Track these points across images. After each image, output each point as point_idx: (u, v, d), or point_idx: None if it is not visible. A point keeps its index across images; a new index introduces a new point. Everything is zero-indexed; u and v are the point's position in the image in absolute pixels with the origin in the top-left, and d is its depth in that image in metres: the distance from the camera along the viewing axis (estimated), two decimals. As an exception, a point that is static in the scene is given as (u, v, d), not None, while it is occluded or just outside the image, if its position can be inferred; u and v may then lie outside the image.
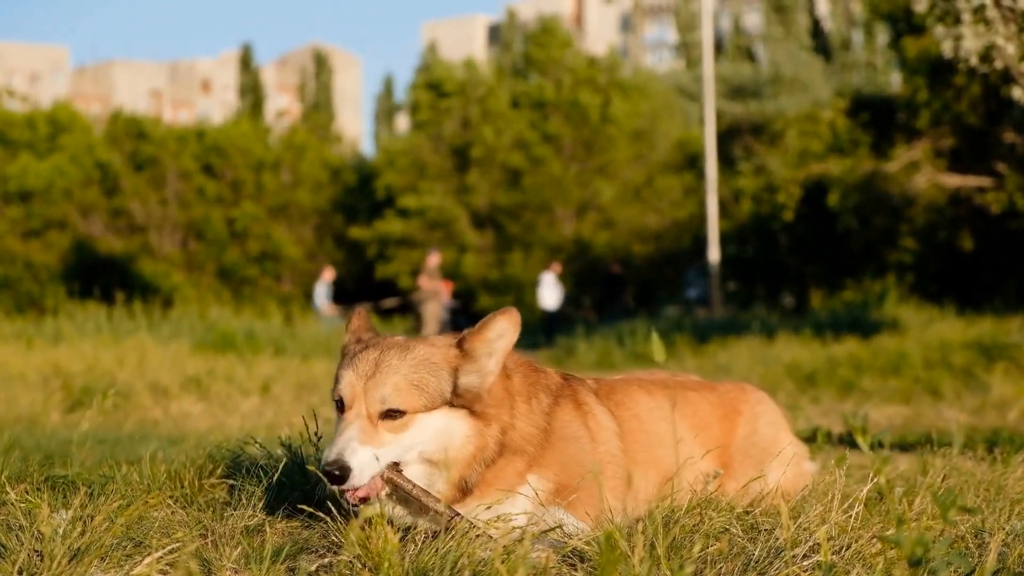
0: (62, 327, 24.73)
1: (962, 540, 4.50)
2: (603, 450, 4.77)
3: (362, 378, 4.30)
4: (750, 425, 5.49)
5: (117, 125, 57.99)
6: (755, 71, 63.55)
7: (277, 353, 22.67)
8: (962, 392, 15.80)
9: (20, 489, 5.09)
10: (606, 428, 4.86)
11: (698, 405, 5.41)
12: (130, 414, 14.20)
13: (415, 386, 4.30)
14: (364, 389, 4.28)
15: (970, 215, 35.41)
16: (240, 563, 4.13)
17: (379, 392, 4.26)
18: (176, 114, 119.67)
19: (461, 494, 4.42)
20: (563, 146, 52.94)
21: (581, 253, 50.18)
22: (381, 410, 4.26)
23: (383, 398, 4.26)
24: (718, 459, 5.30)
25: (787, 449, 5.45)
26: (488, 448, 4.43)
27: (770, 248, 43.31)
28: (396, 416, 4.27)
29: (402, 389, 4.27)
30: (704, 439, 5.26)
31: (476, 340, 4.44)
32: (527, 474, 4.52)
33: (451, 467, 4.37)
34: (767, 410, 5.63)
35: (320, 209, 58.91)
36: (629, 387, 5.25)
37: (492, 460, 4.45)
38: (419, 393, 4.30)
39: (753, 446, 5.42)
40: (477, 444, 4.41)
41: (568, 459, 4.61)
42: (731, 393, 5.64)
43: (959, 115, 33.97)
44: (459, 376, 4.40)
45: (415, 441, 4.32)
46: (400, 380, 4.28)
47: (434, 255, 33.26)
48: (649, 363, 19.33)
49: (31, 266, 51.27)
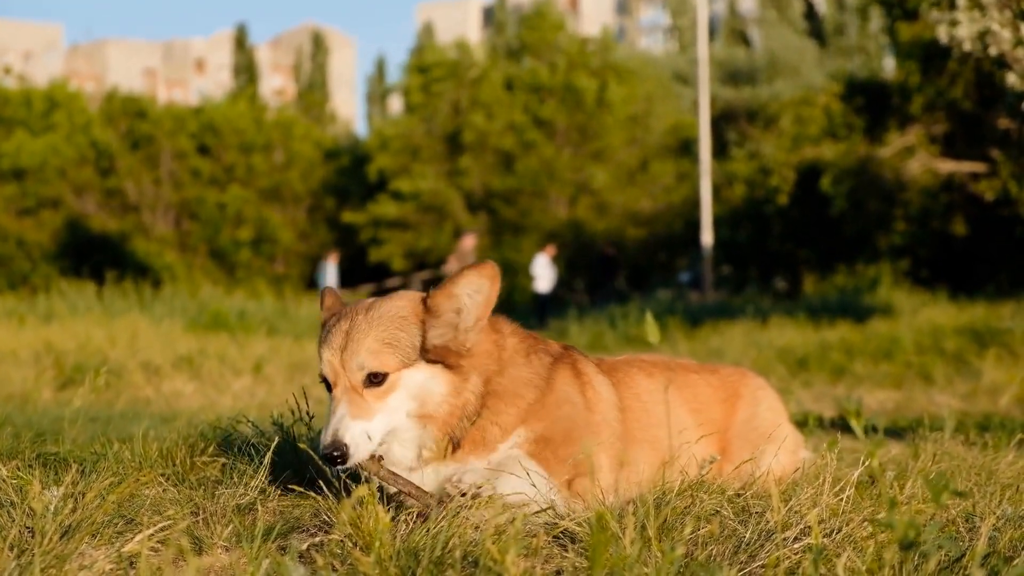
0: (54, 305, 24.74)
1: (953, 524, 4.51)
2: (598, 419, 4.77)
3: (337, 352, 4.32)
4: (750, 409, 5.50)
5: (113, 104, 57.84)
6: (749, 55, 63.52)
7: (270, 333, 22.68)
8: (954, 377, 15.83)
9: (12, 466, 5.09)
10: (605, 400, 4.87)
11: (699, 387, 5.41)
12: (122, 392, 14.21)
13: (387, 344, 4.31)
14: (342, 363, 4.30)
15: (963, 201, 35.40)
16: (231, 541, 4.13)
17: (355, 361, 4.28)
18: (170, 93, 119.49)
19: (452, 448, 4.45)
20: (557, 130, 52.88)
21: (575, 237, 50.14)
22: (362, 378, 4.28)
23: (360, 365, 4.28)
24: (717, 442, 5.31)
25: (787, 436, 5.46)
26: (469, 403, 4.44)
27: (763, 232, 43.27)
28: (379, 381, 4.29)
29: (375, 351, 4.29)
30: (703, 422, 5.27)
31: (439, 296, 4.42)
32: (514, 429, 4.54)
33: (434, 423, 4.40)
34: (768, 396, 5.64)
35: (313, 191, 58.82)
36: (630, 367, 5.24)
37: (475, 413, 4.47)
38: (392, 351, 4.31)
39: (753, 431, 5.42)
40: (454, 401, 4.41)
41: (559, 417, 4.61)
42: (732, 377, 5.64)
43: (953, 101, 33.95)
44: (427, 331, 4.38)
45: (401, 402, 4.34)
46: (371, 343, 4.30)
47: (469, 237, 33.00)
48: (642, 345, 19.36)
49: (23, 244, 51.16)
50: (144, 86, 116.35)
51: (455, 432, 4.43)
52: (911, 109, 35.09)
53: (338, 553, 3.91)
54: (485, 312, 4.47)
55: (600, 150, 52.57)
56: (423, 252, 53.08)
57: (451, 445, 4.45)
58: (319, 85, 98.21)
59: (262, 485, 4.81)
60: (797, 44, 63.07)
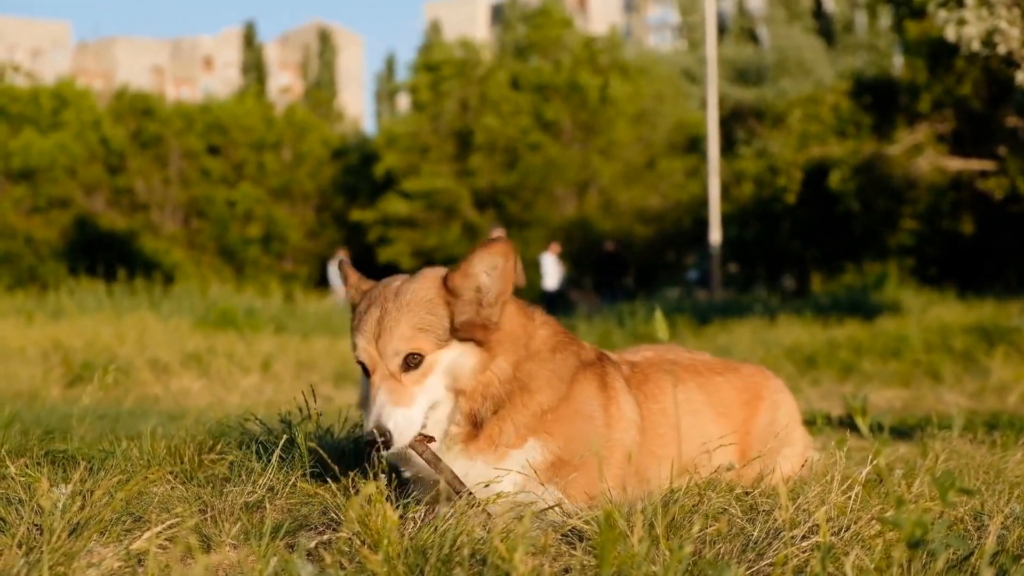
0: (63, 302, 24.74)
1: (961, 523, 4.50)
2: (616, 438, 4.74)
3: (372, 340, 4.37)
4: (771, 413, 5.49)
5: (122, 102, 57.87)
6: (758, 53, 63.47)
7: (278, 331, 22.65)
8: (962, 376, 15.81)
9: (20, 463, 5.10)
10: (627, 418, 4.84)
11: (723, 391, 5.40)
12: (130, 390, 14.22)
13: (420, 329, 4.36)
14: (378, 351, 4.35)
15: (971, 199, 35.41)
16: (239, 539, 4.13)
17: (390, 348, 4.33)
18: (178, 91, 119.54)
19: (474, 428, 4.48)
20: (563, 128, 52.85)
21: (582, 234, 50.10)
22: (399, 363, 4.33)
23: (396, 351, 4.33)
24: (738, 446, 5.31)
25: (799, 440, 5.47)
26: (493, 384, 4.48)
27: (771, 230, 43.27)
28: (415, 364, 4.34)
29: (409, 337, 4.34)
30: (728, 427, 5.28)
31: (457, 277, 4.46)
32: (529, 437, 4.54)
33: (463, 397, 4.44)
34: (786, 399, 5.65)
35: (321, 189, 58.84)
36: (660, 376, 5.20)
37: (502, 399, 4.50)
38: (426, 334, 4.36)
39: (772, 435, 5.41)
40: (480, 377, 4.46)
41: (575, 435, 4.60)
42: (754, 377, 5.64)
43: (961, 99, 33.96)
44: (453, 310, 4.43)
45: (438, 381, 4.40)
46: (404, 329, 4.34)
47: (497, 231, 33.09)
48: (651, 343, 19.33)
49: (32, 241, 51.22)
50: (152, 84, 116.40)
51: (480, 411, 4.46)
52: (919, 107, 35.09)
53: (346, 551, 3.91)
54: (505, 288, 4.49)
55: (606, 147, 52.54)
56: (431, 250, 53.06)
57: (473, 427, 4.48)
58: (327, 83, 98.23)
59: (270, 483, 4.81)
60: (806, 42, 63.02)
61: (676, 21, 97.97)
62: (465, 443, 4.49)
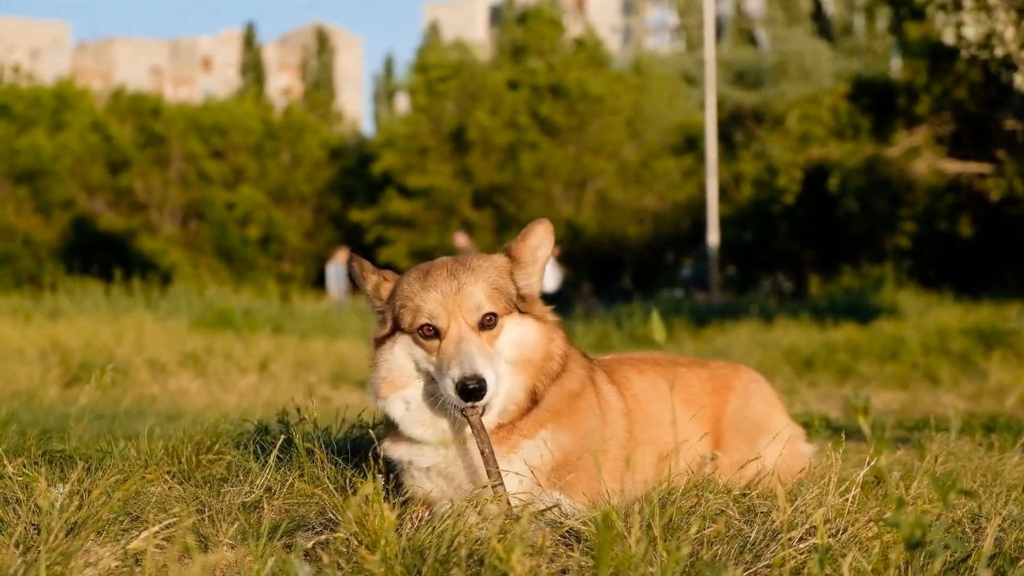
0: (61, 303, 24.74)
1: (959, 524, 4.51)
2: (610, 431, 4.80)
3: (451, 294, 4.41)
4: (742, 400, 5.53)
5: (120, 101, 57.86)
6: (757, 55, 63.46)
7: (275, 331, 22.65)
8: (960, 378, 15.82)
9: (18, 463, 5.10)
10: (614, 408, 4.93)
11: (688, 381, 5.46)
12: (128, 390, 14.22)
13: (496, 290, 4.47)
14: (457, 303, 4.39)
15: (970, 201, 35.41)
16: (237, 539, 4.14)
17: (471, 302, 4.40)
18: (177, 91, 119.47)
19: (531, 403, 4.52)
20: (558, 128, 52.85)
21: (578, 235, 50.09)
22: (478, 318, 4.39)
23: (478, 306, 4.40)
24: (710, 434, 5.35)
25: (783, 429, 5.47)
26: (553, 358, 4.58)
27: (769, 232, 43.26)
28: (491, 323, 4.42)
29: (489, 295, 4.44)
30: (696, 414, 5.31)
31: (522, 247, 4.62)
32: (541, 429, 4.57)
33: (526, 370, 4.50)
34: (761, 388, 5.67)
35: (319, 190, 58.81)
36: (624, 367, 5.32)
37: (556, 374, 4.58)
38: (500, 296, 4.47)
39: (745, 420, 5.46)
40: (546, 349, 4.56)
41: (581, 432, 4.65)
42: (723, 370, 5.71)
43: (959, 101, 33.95)
44: (516, 278, 4.57)
45: (504, 345, 4.46)
46: (485, 286, 4.44)
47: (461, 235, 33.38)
48: (648, 345, 19.34)
49: (30, 242, 51.16)
50: (151, 84, 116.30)
51: (539, 388, 4.52)
52: (918, 109, 35.08)
53: (344, 551, 3.92)
54: (545, 263, 4.69)
55: (600, 147, 52.53)
56: (430, 250, 53.01)
57: (532, 403, 4.52)
58: (325, 84, 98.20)
59: (268, 483, 4.82)
60: (804, 44, 62.95)
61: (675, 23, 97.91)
62: (527, 414, 4.53)
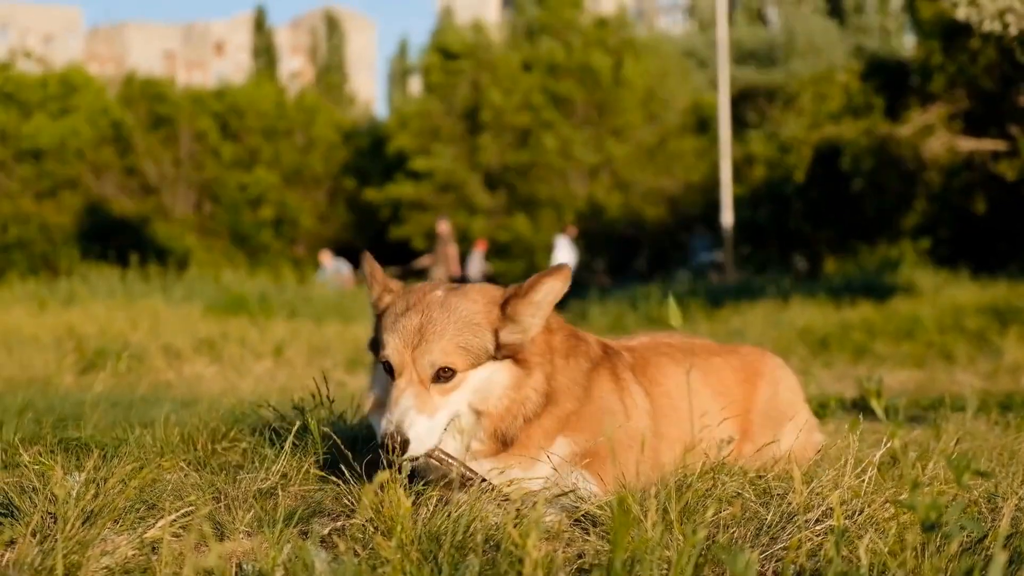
0: (76, 289, 24.77)
1: (975, 505, 4.50)
2: (633, 428, 4.74)
3: (409, 346, 4.32)
4: (771, 388, 5.51)
5: (132, 87, 57.84)
6: (768, 34, 63.36)
7: (290, 316, 22.67)
8: (975, 356, 15.80)
9: (34, 451, 5.11)
10: (640, 407, 4.87)
11: (722, 372, 5.42)
12: (143, 376, 14.21)
13: (461, 348, 4.33)
14: (412, 357, 4.31)
15: (984, 179, 35.29)
16: (253, 526, 4.14)
17: (427, 358, 4.30)
18: (190, 75, 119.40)
19: (501, 446, 4.45)
20: (575, 108, 52.74)
21: (594, 216, 50.02)
22: (431, 374, 4.30)
23: (432, 363, 4.29)
24: (739, 423, 5.32)
25: (806, 418, 5.47)
26: (529, 399, 4.46)
27: (783, 212, 43.18)
28: (447, 378, 4.31)
29: (449, 352, 4.31)
30: (727, 405, 5.28)
31: (522, 304, 4.47)
32: (557, 436, 4.52)
33: (489, 418, 4.40)
34: (786, 375, 5.66)
35: (333, 173, 58.77)
36: (659, 359, 5.24)
37: (536, 412, 4.48)
38: (465, 353, 4.33)
39: (774, 409, 5.45)
40: (514, 395, 4.43)
41: (600, 431, 4.60)
42: (752, 356, 5.67)
43: (974, 78, 33.85)
44: (500, 335, 4.43)
45: (464, 396, 4.36)
46: (447, 344, 4.31)
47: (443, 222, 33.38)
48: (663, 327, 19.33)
49: (45, 227, 51.19)
50: (164, 69, 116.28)
51: (508, 429, 4.43)
52: (931, 87, 35.01)
53: (360, 537, 3.92)
54: (551, 310, 4.56)
55: (619, 128, 52.43)
56: (440, 232, 52.98)
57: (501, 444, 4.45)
58: (337, 67, 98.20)
59: (283, 470, 4.82)
60: (816, 23, 62.90)
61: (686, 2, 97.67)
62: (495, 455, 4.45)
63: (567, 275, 4.50)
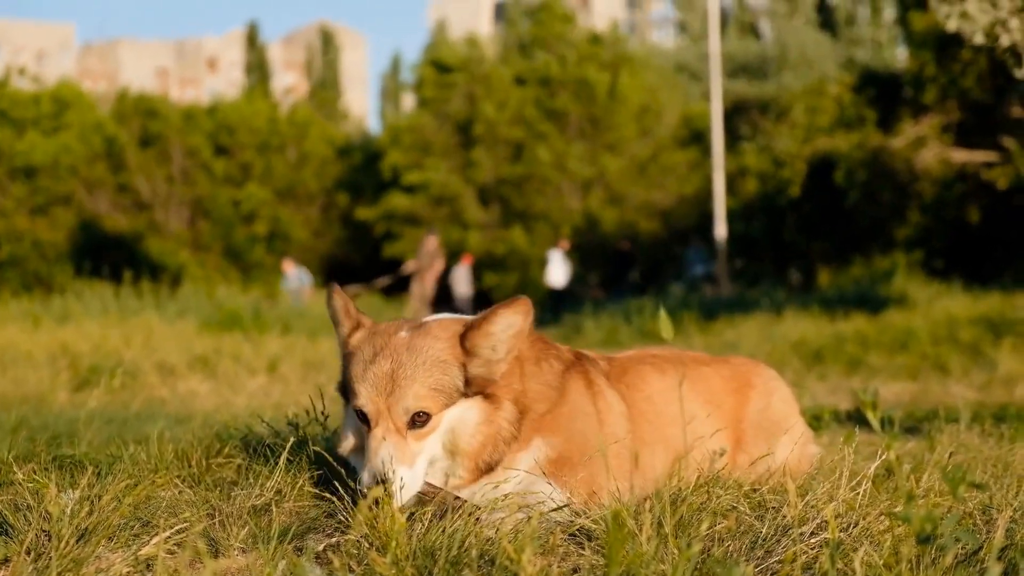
0: (69, 306, 24.75)
1: (970, 517, 4.50)
2: (608, 432, 4.74)
3: (383, 394, 4.31)
4: (764, 399, 5.50)
5: (124, 104, 57.83)
6: (760, 47, 63.45)
7: (284, 332, 22.65)
8: (969, 368, 15.81)
9: (28, 469, 5.10)
10: (615, 411, 4.86)
11: (711, 380, 5.42)
12: (137, 393, 14.20)
13: (433, 390, 4.32)
14: (387, 405, 4.30)
15: (977, 190, 35.35)
16: (248, 543, 4.14)
17: (401, 405, 4.28)
18: (183, 92, 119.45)
19: (485, 474, 4.45)
20: (568, 122, 52.79)
21: (589, 229, 50.05)
22: (406, 420, 4.29)
23: (406, 409, 4.28)
24: (731, 434, 5.32)
25: (801, 430, 5.47)
26: (503, 430, 4.44)
27: (777, 225, 43.25)
28: (422, 422, 4.31)
29: (422, 396, 4.30)
30: (716, 414, 5.28)
31: (478, 336, 4.44)
32: (533, 438, 4.53)
33: (466, 456, 4.40)
34: (780, 387, 5.65)
35: (326, 188, 58.76)
36: (641, 367, 5.25)
37: (512, 438, 4.47)
38: (438, 395, 4.32)
39: (766, 419, 5.44)
40: (487, 430, 4.42)
41: (574, 432, 4.61)
42: (744, 366, 5.67)
43: (966, 90, 33.92)
44: (467, 369, 4.41)
45: (439, 436, 4.36)
46: (419, 389, 4.30)
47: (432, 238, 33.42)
48: (657, 340, 19.34)
49: (38, 244, 51.16)
50: (157, 85, 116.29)
51: (490, 459, 4.44)
52: (924, 99, 35.09)
53: (355, 553, 3.92)
54: (516, 344, 4.50)
55: (613, 142, 52.47)
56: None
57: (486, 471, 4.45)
58: (331, 82, 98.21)
59: (278, 486, 4.82)
60: (808, 36, 62.97)
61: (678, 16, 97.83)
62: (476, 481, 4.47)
63: (527, 309, 4.45)
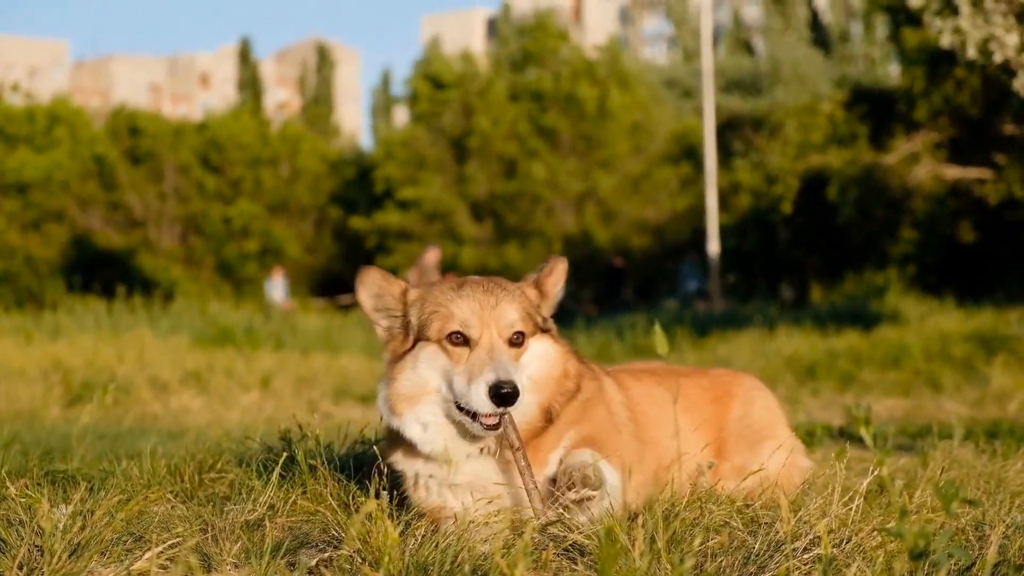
0: (62, 322, 24.75)
1: (963, 533, 4.50)
2: (618, 421, 4.94)
3: (488, 308, 4.51)
4: (744, 408, 5.58)
5: (119, 120, 57.81)
6: (753, 64, 63.49)
7: (277, 347, 22.66)
8: (962, 384, 15.82)
9: (20, 484, 5.09)
10: (615, 400, 5.05)
11: (687, 388, 5.48)
12: (130, 409, 14.20)
13: (527, 313, 4.59)
14: (493, 316, 4.49)
15: (970, 206, 35.34)
16: (240, 558, 4.13)
17: (505, 319, 4.51)
18: (175, 108, 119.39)
19: (545, 422, 4.59)
20: (561, 138, 52.80)
21: (582, 245, 50.03)
22: (509, 334, 4.49)
23: (511, 323, 4.51)
24: (712, 441, 5.37)
25: (785, 438, 5.48)
26: (569, 376, 4.70)
27: (770, 241, 43.29)
28: (519, 342, 4.54)
29: (521, 315, 4.55)
30: (693, 420, 5.36)
31: (548, 281, 4.79)
32: (564, 433, 4.67)
33: (546, 388, 4.60)
34: (762, 395, 5.71)
35: (319, 203, 58.72)
36: (621, 376, 5.40)
37: (572, 393, 4.68)
38: (528, 320, 4.58)
39: (747, 427, 5.50)
40: (563, 367, 4.68)
41: (597, 419, 4.78)
42: (724, 377, 5.78)
43: (958, 106, 33.93)
44: (540, 309, 4.71)
45: (529, 361, 4.58)
46: (519, 307, 4.56)
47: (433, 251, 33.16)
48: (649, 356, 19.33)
49: (31, 260, 51.14)
50: (150, 101, 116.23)
51: (555, 405, 4.61)
52: (916, 115, 35.08)
53: (347, 568, 3.91)
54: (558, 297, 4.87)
55: (605, 159, 52.49)
56: (429, 262, 52.86)
57: (547, 422, 4.60)
58: (324, 98, 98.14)
59: (271, 501, 4.81)
60: (801, 52, 63.01)
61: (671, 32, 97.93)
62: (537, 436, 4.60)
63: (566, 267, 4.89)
